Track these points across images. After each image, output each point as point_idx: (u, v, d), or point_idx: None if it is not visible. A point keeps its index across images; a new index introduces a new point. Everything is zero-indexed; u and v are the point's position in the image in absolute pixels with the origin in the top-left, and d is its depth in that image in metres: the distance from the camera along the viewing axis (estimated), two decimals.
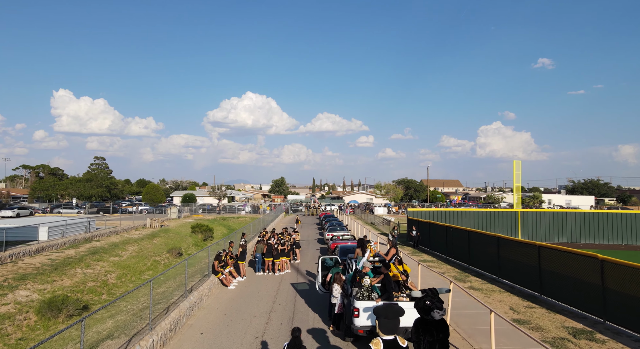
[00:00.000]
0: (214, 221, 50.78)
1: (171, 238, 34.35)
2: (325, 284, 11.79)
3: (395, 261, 10.12)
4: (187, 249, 33.33)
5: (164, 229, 37.80)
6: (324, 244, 27.13)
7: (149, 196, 75.75)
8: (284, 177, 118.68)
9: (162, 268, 26.46)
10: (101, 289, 19.21)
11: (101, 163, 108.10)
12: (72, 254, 22.24)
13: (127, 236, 30.83)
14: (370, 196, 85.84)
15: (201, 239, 37.91)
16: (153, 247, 29.70)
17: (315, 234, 33.92)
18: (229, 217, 55.20)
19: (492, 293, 13.74)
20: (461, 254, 19.40)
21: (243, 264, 16.54)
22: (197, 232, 37.96)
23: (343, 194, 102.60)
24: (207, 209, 62.60)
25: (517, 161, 29.82)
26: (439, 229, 22.45)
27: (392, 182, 75.81)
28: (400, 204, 66.16)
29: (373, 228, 38.24)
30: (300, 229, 38.68)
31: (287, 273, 17.59)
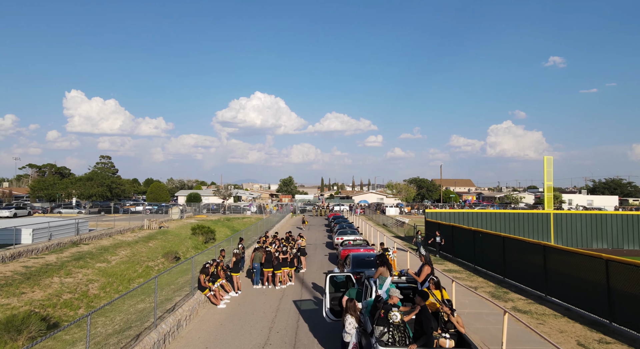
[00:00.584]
0: (217, 221, 48.50)
1: (169, 241, 32.05)
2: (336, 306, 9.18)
3: (431, 284, 7.45)
4: (185, 252, 30.99)
5: (162, 230, 35.55)
6: (333, 248, 24.49)
7: (153, 196, 73.99)
8: (292, 176, 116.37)
9: (155, 273, 24.11)
10: (79, 302, 16.84)
11: (107, 162, 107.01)
12: (53, 261, 19.97)
13: (121, 239, 28.57)
14: (380, 195, 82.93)
15: (202, 241, 35.56)
16: (147, 252, 27.38)
17: (324, 237, 31.30)
18: (233, 217, 52.89)
19: (544, 317, 10.96)
20: (493, 263, 16.60)
21: (237, 276, 13.97)
22: (197, 234, 35.62)
23: (352, 193, 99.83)
24: (211, 209, 60.43)
25: (548, 157, 26.86)
26: (465, 234, 19.66)
27: (404, 182, 72.86)
28: (412, 204, 63.18)
29: (386, 230, 35.47)
30: (307, 230, 36.14)
31: (289, 286, 15.01)
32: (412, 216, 56.82)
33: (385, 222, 43.36)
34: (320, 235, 32.48)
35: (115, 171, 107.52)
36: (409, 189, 63.78)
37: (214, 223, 46.51)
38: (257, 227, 31.91)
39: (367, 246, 19.25)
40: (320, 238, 30.43)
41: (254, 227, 31.27)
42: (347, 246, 19.18)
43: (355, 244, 19.49)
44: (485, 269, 17.30)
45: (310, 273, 17.39)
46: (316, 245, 26.43)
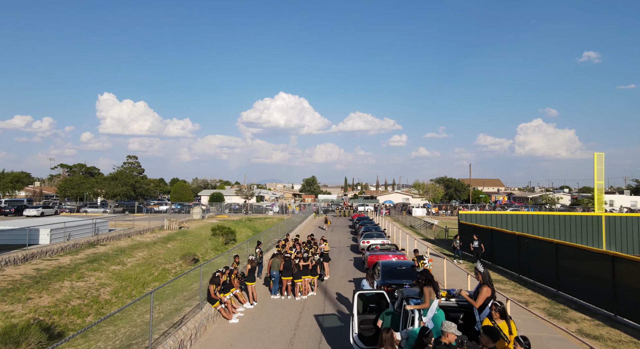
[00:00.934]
0: (238, 222, 47.65)
1: (188, 242, 31.18)
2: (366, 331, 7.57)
3: (494, 312, 5.68)
4: (204, 254, 30.02)
5: (182, 231, 34.81)
6: (358, 252, 22.79)
7: (176, 195, 74.25)
8: (315, 176, 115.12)
9: (172, 276, 23.13)
10: (88, 309, 15.88)
11: (134, 162, 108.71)
12: (66, 263, 19.21)
13: (139, 240, 27.86)
14: (406, 195, 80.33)
15: (222, 242, 34.59)
16: (165, 253, 26.51)
17: (348, 239, 29.59)
18: (255, 217, 51.95)
19: (620, 345, 8.94)
20: (544, 274, 14.50)
21: (253, 285, 12.53)
22: (217, 235, 34.66)
23: (377, 193, 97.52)
24: (233, 209, 59.80)
25: (599, 154, 24.18)
26: (507, 239, 17.55)
27: (431, 181, 70.04)
28: (440, 204, 60.45)
29: (413, 232, 33.41)
30: (329, 231, 34.55)
31: (311, 297, 13.45)
32: (440, 217, 54.25)
33: (412, 223, 41.22)
34: (344, 237, 30.81)
35: (141, 171, 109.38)
36: (436, 189, 61.07)
37: (235, 224, 45.66)
38: (279, 229, 30.61)
39: (396, 251, 17.48)
40: (344, 241, 28.76)
41: (276, 228, 29.97)
42: (375, 251, 17.46)
43: (384, 249, 17.74)
44: (533, 280, 15.19)
45: (334, 281, 15.79)
46: (340, 248, 24.79)
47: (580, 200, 68.74)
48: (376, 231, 25.81)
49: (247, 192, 60.88)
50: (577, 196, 78.24)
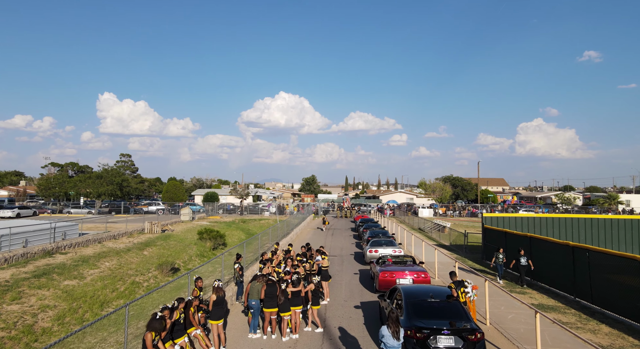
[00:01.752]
0: (231, 223, 43.97)
1: (170, 247, 27.48)
2: None
3: None
4: (187, 262, 26.32)
5: (165, 234, 31.12)
6: (363, 262, 19.06)
7: (169, 195, 70.57)
8: (314, 175, 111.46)
9: (143, 291, 19.44)
10: (14, 344, 12.16)
11: (127, 160, 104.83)
12: (5, 278, 15.51)
13: (111, 246, 24.16)
14: (410, 195, 76.60)
15: (209, 247, 30.90)
16: (139, 262, 22.79)
17: (350, 245, 25.87)
18: (250, 219, 48.26)
19: None
20: (620, 301, 10.78)
21: (219, 324, 8.78)
22: (204, 239, 30.98)
23: (379, 193, 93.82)
24: (227, 210, 56.11)
25: None
26: (556, 251, 13.85)
27: (436, 180, 66.29)
28: (447, 204, 56.66)
29: (424, 236, 29.66)
30: (329, 235, 30.74)
31: (306, 333, 9.75)
32: (449, 218, 50.51)
33: (421, 225, 37.49)
34: (345, 243, 27.09)
35: (135, 170, 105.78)
36: (444, 189, 57.37)
37: (227, 226, 41.99)
38: (276, 231, 26.97)
39: (414, 265, 13.77)
40: (347, 247, 25.04)
41: (273, 231, 26.35)
42: (387, 265, 13.73)
43: (398, 262, 14.03)
44: (602, 308, 11.46)
45: (335, 307, 12.06)
46: (342, 257, 21.07)
47: (595, 200, 64.98)
48: (384, 237, 22.11)
49: (242, 192, 57.15)
50: (589, 196, 74.51)
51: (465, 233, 22.59)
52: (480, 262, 19.38)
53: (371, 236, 22.35)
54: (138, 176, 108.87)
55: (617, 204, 62.56)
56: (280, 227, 29.35)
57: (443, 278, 15.26)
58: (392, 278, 12.64)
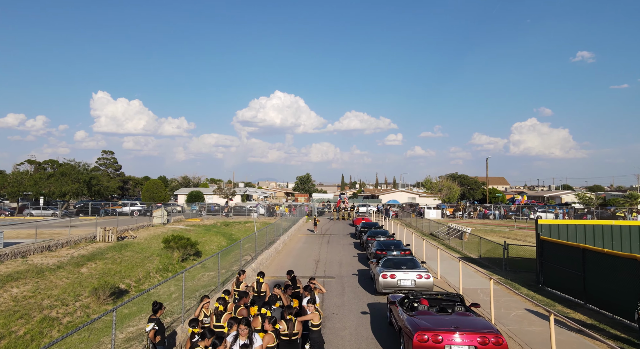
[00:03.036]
0: (211, 227, 38.19)
1: (123, 261, 21.65)
2: None
3: None
4: (142, 281, 20.49)
5: (123, 243, 25.30)
6: (373, 291, 13.32)
7: (149, 195, 64.70)
8: (309, 173, 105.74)
9: (58, 333, 13.71)
10: None
11: (109, 158, 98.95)
12: None
13: (37, 262, 18.30)
14: (411, 194, 71.11)
15: (177, 259, 25.11)
16: (68, 285, 16.97)
17: (352, 259, 20.15)
18: (234, 221, 42.46)
19: None
20: None
21: None
22: (172, 247, 25.17)
23: (378, 192, 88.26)
24: (211, 211, 50.26)
25: None
26: None
27: (439, 178, 60.70)
28: (457, 205, 51.16)
29: (442, 246, 23.99)
30: (325, 243, 24.83)
31: None
32: (457, 219, 45.03)
33: (432, 230, 31.89)
34: (345, 255, 21.40)
35: (118, 167, 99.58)
36: (452, 187, 51.89)
37: (206, 230, 36.21)
38: (263, 236, 21.22)
39: (469, 315, 8.08)
40: (347, 261, 19.35)
41: (260, 236, 20.63)
42: (422, 313, 8.04)
43: (439, 306, 8.38)
44: None
45: None
46: (341, 279, 15.38)
47: (612, 200, 59.79)
48: (397, 249, 16.52)
49: (227, 191, 51.31)
50: (604, 195, 69.41)
51: (505, 245, 16.96)
52: (541, 290, 13.75)
53: (380, 248, 16.70)
54: (121, 174, 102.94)
55: (638, 204, 57.43)
56: (271, 231, 23.69)
57: (522, 339, 9.54)
58: (437, 345, 6.95)
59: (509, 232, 32.04)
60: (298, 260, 19.48)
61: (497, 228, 35.26)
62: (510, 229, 34.53)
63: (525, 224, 37.37)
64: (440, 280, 14.66)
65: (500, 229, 34.02)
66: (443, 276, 15.15)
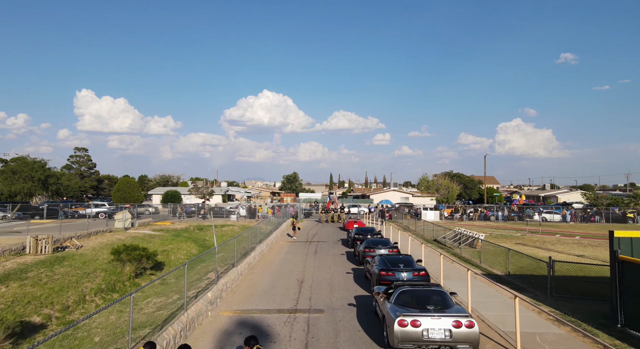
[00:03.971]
0: (182, 232, 33.31)
1: (50, 282, 16.78)
2: None
3: None
4: (73, 308, 15.66)
5: (61, 256, 20.38)
6: (381, 343, 8.82)
7: (121, 194, 59.26)
8: (296, 172, 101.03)
9: None
10: None
11: (82, 155, 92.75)
12: None
13: None
14: (404, 193, 67.13)
15: (129, 274, 20.30)
16: None
17: (346, 280, 15.65)
18: (210, 225, 37.64)
19: None
20: None
21: None
22: (122, 260, 20.35)
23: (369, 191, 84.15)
24: (187, 212, 45.28)
25: None
26: None
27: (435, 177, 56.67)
28: (456, 205, 47.18)
29: (453, 257, 19.69)
30: (309, 252, 20.10)
31: None
32: (457, 221, 41.05)
33: (435, 235, 27.69)
34: (336, 270, 16.96)
35: (92, 166, 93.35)
36: (450, 186, 47.86)
37: (175, 236, 31.33)
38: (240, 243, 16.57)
39: None
40: (339, 281, 14.90)
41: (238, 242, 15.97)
42: None
43: None
44: None
45: None
46: (333, 312, 10.94)
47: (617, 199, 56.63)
48: (407, 268, 12.25)
49: (204, 191, 46.37)
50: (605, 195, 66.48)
51: (550, 263, 12.68)
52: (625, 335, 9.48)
53: (385, 268, 12.38)
54: (96, 173, 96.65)
55: None
56: (252, 236, 19.11)
57: None
58: None
59: (522, 237, 28.06)
60: (276, 279, 14.98)
61: (505, 232, 31.29)
62: (521, 233, 30.58)
63: (537, 227, 33.48)
64: (475, 318, 10.28)
65: (511, 234, 30.04)
66: (475, 310, 10.82)
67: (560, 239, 26.65)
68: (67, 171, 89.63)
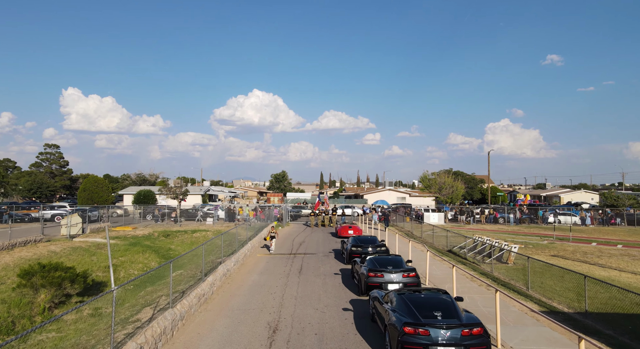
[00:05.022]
0: (143, 240, 27.71)
1: None
2: None
3: None
4: None
5: None
6: None
7: (87, 194, 53.32)
8: (285, 171, 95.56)
9: None
10: None
11: (53, 152, 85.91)
12: None
13: None
14: (400, 193, 62.18)
15: (42, 304, 14.77)
16: None
17: (345, 327, 10.44)
18: (180, 230, 32.03)
19: None
20: None
21: None
22: (35, 286, 14.82)
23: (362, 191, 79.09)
24: (155, 216, 39.58)
25: None
26: None
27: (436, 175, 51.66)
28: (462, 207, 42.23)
29: (485, 278, 14.56)
30: (292, 271, 14.64)
31: None
32: (462, 225, 36.16)
33: (448, 243, 22.56)
34: (330, 305, 11.81)
35: (64, 164, 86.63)
36: (455, 185, 42.77)
37: (131, 245, 25.74)
38: (202, 257, 11.11)
39: None
40: (335, 329, 9.73)
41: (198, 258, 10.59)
42: None
43: None
44: None
45: None
46: None
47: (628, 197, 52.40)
48: (447, 317, 7.10)
49: (176, 190, 40.70)
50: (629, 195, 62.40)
51: None
52: None
53: (411, 320, 7.17)
54: (69, 171, 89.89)
55: None
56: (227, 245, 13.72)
57: None
58: None
59: (552, 246, 23.15)
60: (236, 324, 9.70)
61: (528, 239, 26.39)
62: (548, 240, 25.69)
63: (560, 232, 28.65)
64: None
65: (536, 242, 25.14)
66: None
67: (602, 249, 21.80)
68: (35, 169, 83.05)
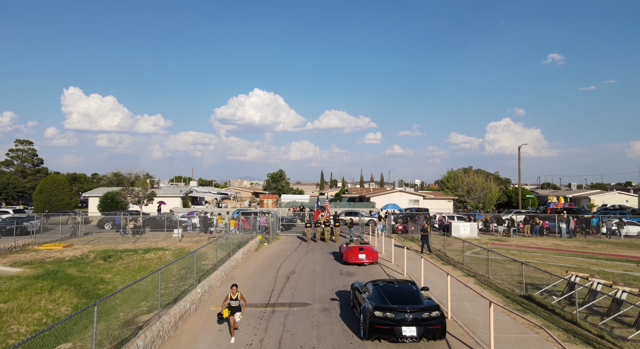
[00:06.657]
0: (65, 266, 19.51)
1: None
2: None
3: None
4: None
5: None
6: None
7: (43, 197, 45.22)
8: (282, 169, 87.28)
9: None
10: None
11: (26, 149, 77.93)
12: None
13: None
14: (414, 196, 53.90)
15: None
16: None
17: None
18: (127, 249, 23.76)
19: None
20: None
21: None
22: None
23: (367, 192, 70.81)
24: (116, 224, 31.50)
25: None
26: None
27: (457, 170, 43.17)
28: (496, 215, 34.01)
29: None
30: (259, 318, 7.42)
31: None
32: (504, 237, 28.01)
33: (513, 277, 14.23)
34: None
35: (37, 162, 78.63)
36: (490, 187, 34.40)
37: (43, 275, 17.65)
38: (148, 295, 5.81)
39: None
40: None
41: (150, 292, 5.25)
42: None
43: None
44: None
45: None
46: None
47: None
48: None
49: (141, 193, 32.62)
50: None
51: None
52: None
53: None
54: (43, 170, 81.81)
55: None
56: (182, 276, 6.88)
57: None
58: None
59: None
60: None
61: (615, 265, 18.11)
62: None
63: None
64: None
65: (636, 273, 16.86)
66: None
67: None
68: (5, 168, 75.12)
